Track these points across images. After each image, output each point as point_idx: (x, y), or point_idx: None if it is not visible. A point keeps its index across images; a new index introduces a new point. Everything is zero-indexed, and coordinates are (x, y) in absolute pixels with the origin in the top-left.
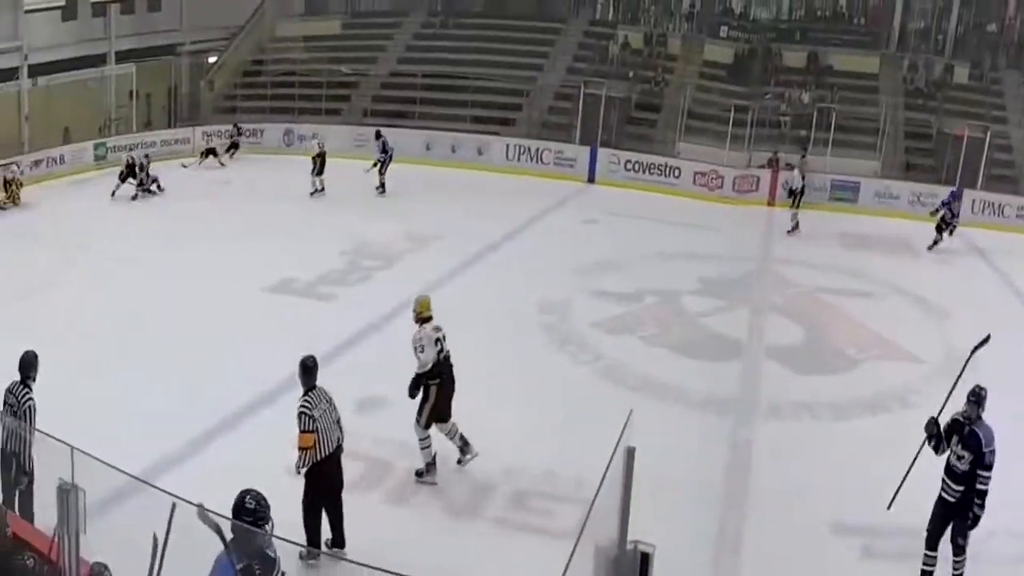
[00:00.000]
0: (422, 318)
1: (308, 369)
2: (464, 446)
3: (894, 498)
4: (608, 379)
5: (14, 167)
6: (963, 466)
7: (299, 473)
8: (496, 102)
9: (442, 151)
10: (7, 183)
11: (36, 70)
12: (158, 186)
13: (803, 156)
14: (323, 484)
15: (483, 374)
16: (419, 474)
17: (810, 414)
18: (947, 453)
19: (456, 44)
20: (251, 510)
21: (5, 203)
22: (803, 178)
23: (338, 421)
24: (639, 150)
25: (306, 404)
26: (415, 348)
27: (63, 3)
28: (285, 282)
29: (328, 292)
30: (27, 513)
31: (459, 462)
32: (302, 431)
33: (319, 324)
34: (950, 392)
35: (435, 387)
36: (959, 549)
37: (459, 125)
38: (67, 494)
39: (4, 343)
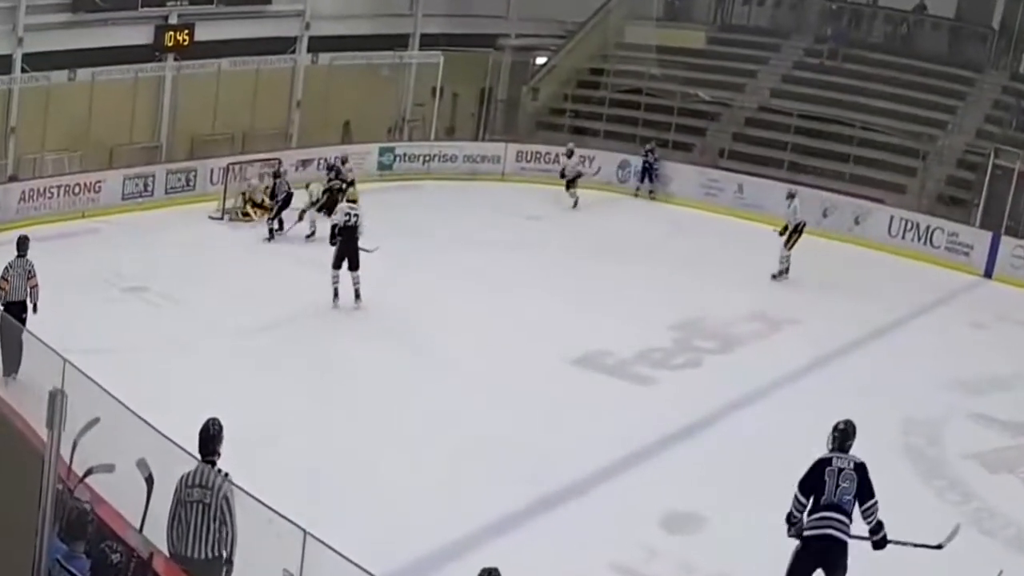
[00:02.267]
0: (349, 200)
1: (20, 243)
2: (355, 299)
3: None
4: (977, 527)
5: (275, 164)
6: None
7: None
8: (884, 161)
9: (810, 214)
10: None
11: (317, 44)
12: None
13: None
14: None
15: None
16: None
17: None
18: None
19: (844, 81)
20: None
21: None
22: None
23: (31, 289)
24: None
25: (10, 261)
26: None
27: None
28: (595, 355)
29: (646, 374)
30: None
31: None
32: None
33: (629, 413)
34: None
35: (338, 242)
36: None
37: (834, 183)
38: None
39: (245, 397)
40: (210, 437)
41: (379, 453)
